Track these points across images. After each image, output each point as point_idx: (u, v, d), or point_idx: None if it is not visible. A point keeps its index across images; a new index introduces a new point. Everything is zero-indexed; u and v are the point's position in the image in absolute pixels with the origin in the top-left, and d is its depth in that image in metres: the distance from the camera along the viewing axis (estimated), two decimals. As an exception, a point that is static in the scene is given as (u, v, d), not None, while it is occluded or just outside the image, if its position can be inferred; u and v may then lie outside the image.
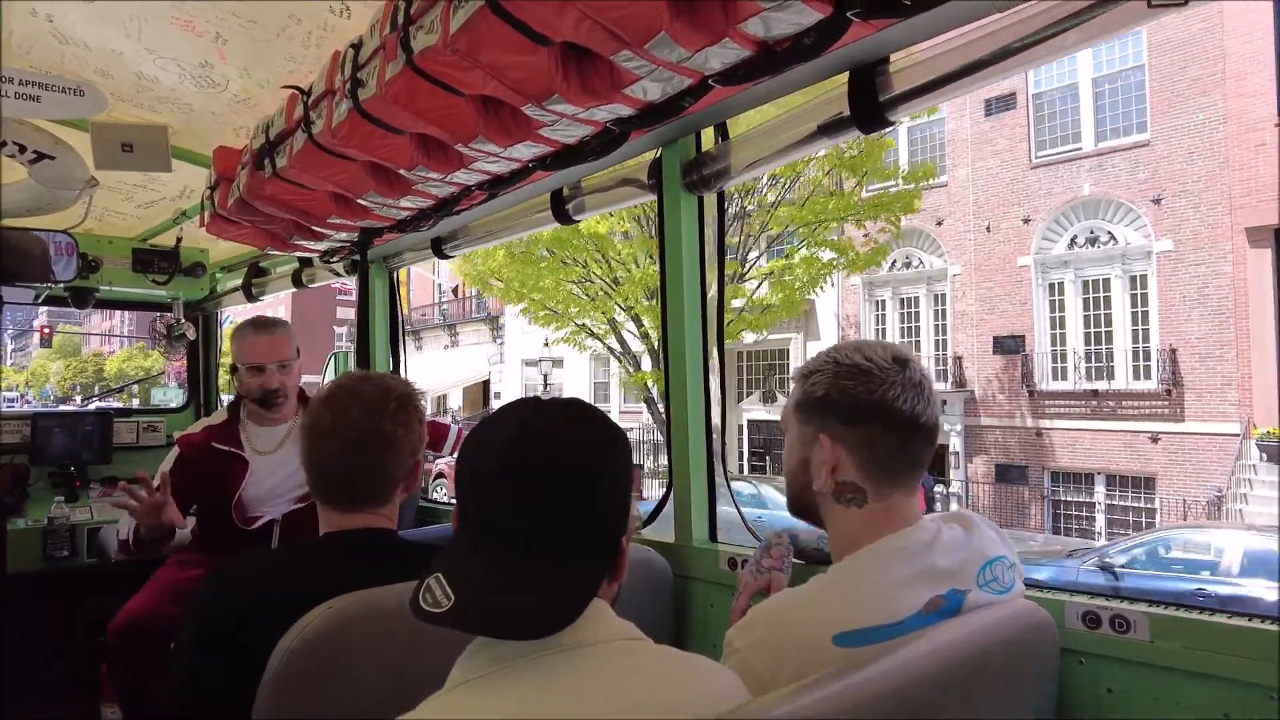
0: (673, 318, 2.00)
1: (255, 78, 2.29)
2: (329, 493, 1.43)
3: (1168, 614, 1.24)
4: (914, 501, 1.21)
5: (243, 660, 1.16)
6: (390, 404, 1.44)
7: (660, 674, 0.87)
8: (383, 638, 1.18)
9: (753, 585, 1.48)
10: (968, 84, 1.47)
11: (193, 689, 1.27)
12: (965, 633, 1.07)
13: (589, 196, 2.29)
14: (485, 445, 0.90)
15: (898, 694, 0.96)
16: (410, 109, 1.68)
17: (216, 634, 1.26)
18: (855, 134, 1.61)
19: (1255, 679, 1.15)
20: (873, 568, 1.14)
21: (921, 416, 1.17)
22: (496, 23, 1.33)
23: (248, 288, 4.21)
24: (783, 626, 1.11)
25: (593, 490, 0.87)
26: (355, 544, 1.39)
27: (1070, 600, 1.33)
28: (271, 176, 2.28)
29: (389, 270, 3.45)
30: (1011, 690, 1.17)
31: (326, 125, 1.91)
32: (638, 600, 1.73)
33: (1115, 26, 1.27)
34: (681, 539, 1.99)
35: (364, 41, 1.76)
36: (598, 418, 0.94)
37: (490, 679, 0.81)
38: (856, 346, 1.23)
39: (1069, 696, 1.30)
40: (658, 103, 1.56)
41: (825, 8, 1.23)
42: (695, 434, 1.98)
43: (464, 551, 0.86)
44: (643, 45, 1.32)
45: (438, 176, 2.04)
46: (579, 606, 0.82)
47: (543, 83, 1.50)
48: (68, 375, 49.77)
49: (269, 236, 2.97)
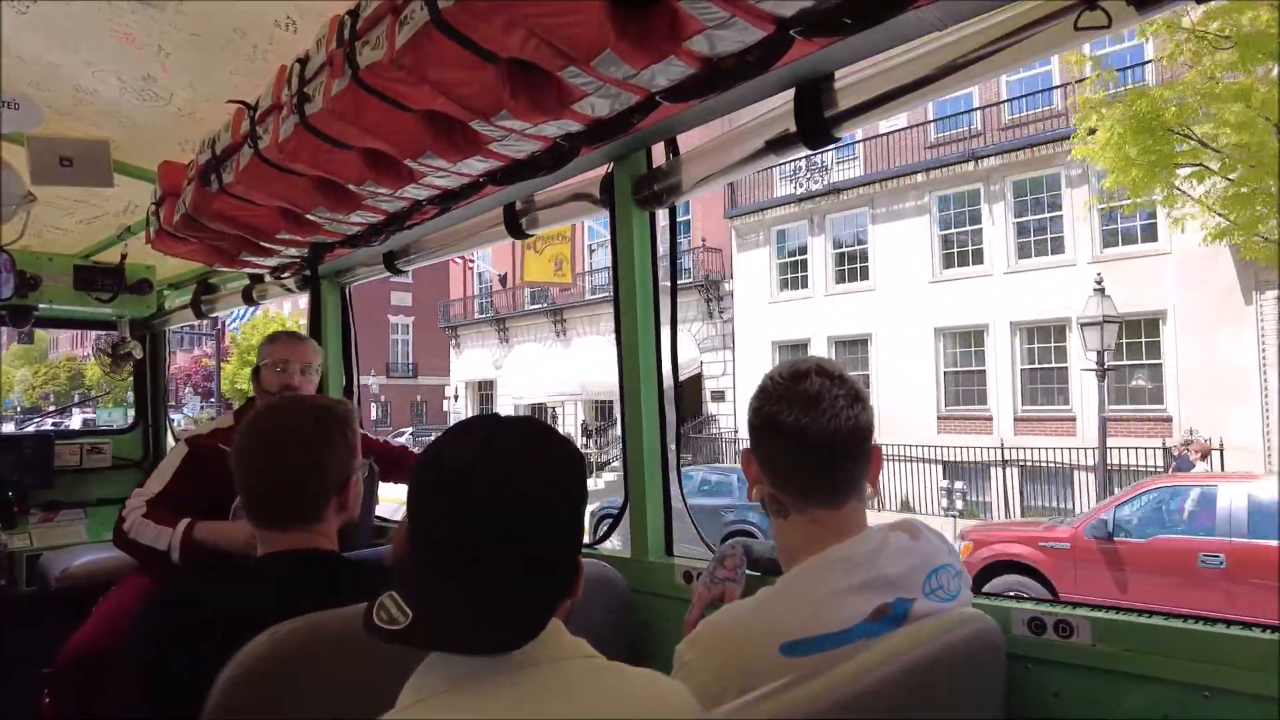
0: (626, 332, 2.00)
1: (200, 92, 2.25)
2: (260, 512, 1.41)
3: (1108, 617, 1.28)
4: (847, 511, 1.20)
5: (181, 691, 1.12)
6: (313, 421, 1.43)
7: (612, 691, 0.87)
8: (328, 663, 1.15)
9: (706, 596, 1.48)
10: (910, 100, 1.50)
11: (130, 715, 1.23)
12: (913, 642, 1.09)
13: (542, 211, 2.30)
14: (444, 465, 0.89)
15: (848, 704, 0.96)
16: (357, 124, 1.67)
17: (153, 664, 1.22)
18: (802, 150, 1.64)
19: (1192, 679, 1.18)
20: (818, 577, 1.15)
21: (809, 430, 1.16)
22: (442, 39, 1.33)
23: (197, 305, 4.12)
24: (730, 638, 1.11)
25: (553, 510, 0.87)
26: (294, 565, 1.36)
27: (1016, 607, 1.36)
28: (218, 192, 2.24)
29: (341, 286, 3.40)
30: (960, 697, 1.19)
31: (273, 140, 1.88)
32: (594, 616, 1.72)
33: (1045, 47, 1.31)
34: (638, 553, 1.99)
35: (310, 56, 1.74)
36: (557, 437, 0.94)
37: (443, 698, 0.80)
38: (776, 365, 1.27)
39: (1017, 701, 1.32)
40: (606, 119, 1.57)
41: (768, 26, 1.26)
42: (650, 449, 1.99)
43: (421, 570, 0.85)
44: (589, 62, 1.33)
45: (387, 192, 2.02)
46: (539, 624, 0.82)
47: (491, 99, 1.50)
48: (37, 383, 44.91)
49: (217, 253, 2.91)
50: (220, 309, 4.15)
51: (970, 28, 1.34)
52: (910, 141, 18.37)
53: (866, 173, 19.09)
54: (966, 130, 17.92)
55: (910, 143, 18.37)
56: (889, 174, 18.48)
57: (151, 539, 2.34)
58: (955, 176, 17.56)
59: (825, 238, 19.80)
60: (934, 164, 17.81)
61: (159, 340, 4.63)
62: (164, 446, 4.47)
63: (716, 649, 1.10)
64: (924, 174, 17.92)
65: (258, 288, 3.75)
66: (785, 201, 20.37)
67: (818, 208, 19.77)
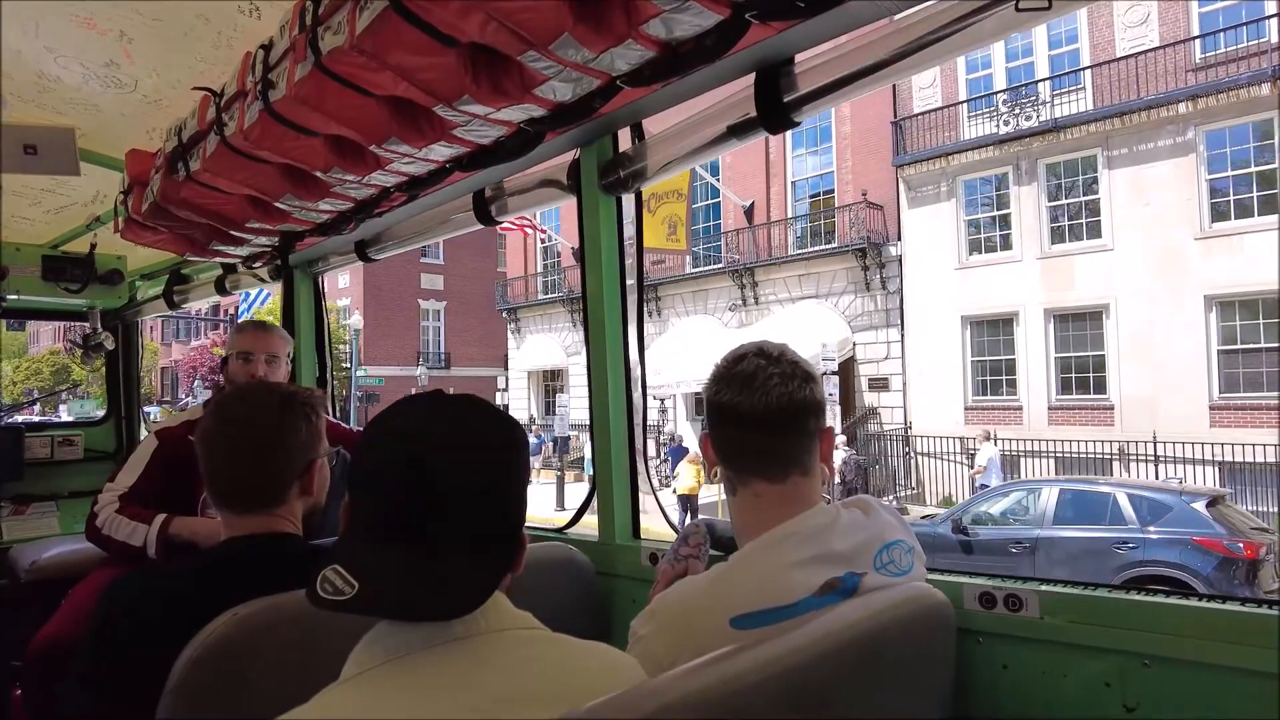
0: (593, 317, 2.01)
1: (165, 78, 2.24)
2: (222, 497, 1.42)
3: (1055, 590, 1.31)
4: (790, 485, 1.23)
5: (144, 673, 1.13)
6: (274, 404, 1.44)
7: (556, 661, 0.89)
8: (289, 644, 1.17)
9: (670, 574, 1.50)
10: (869, 83, 1.53)
11: (95, 705, 1.24)
12: (859, 614, 1.11)
13: (511, 198, 2.30)
14: (388, 440, 0.90)
15: (790, 672, 0.98)
16: (321, 110, 1.67)
17: (116, 647, 1.22)
18: (762, 134, 1.66)
19: (1132, 648, 1.22)
20: (768, 552, 1.17)
21: (742, 407, 1.21)
22: (401, 24, 1.34)
23: (169, 296, 4.08)
24: (682, 612, 1.14)
25: (495, 484, 0.89)
26: (256, 549, 1.37)
27: (968, 582, 1.39)
28: (186, 180, 2.23)
29: (314, 275, 3.39)
30: (908, 669, 1.21)
31: (239, 127, 1.87)
32: (560, 599, 1.74)
33: (997, 30, 1.33)
34: (605, 536, 2.01)
35: (274, 42, 1.74)
36: (498, 413, 0.95)
37: (385, 669, 0.82)
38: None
39: (968, 675, 1.36)
40: (569, 103, 1.58)
41: (723, 10, 1.27)
42: (618, 433, 2.01)
43: (366, 543, 0.86)
44: (548, 46, 1.34)
45: (354, 178, 2.02)
46: (483, 592, 0.84)
47: (453, 84, 1.50)
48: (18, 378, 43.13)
49: (187, 242, 2.89)
50: (193, 300, 4.11)
51: (923, 12, 1.37)
52: (1164, 63, 14.55)
53: (1099, 105, 15.28)
54: (1255, 44, 13.70)
55: (1164, 65, 14.54)
56: (1134, 105, 14.73)
57: (126, 535, 2.33)
58: (1236, 105, 13.67)
59: (1037, 187, 16.09)
60: (1205, 89, 13.98)
61: (131, 331, 4.59)
62: (137, 438, 4.44)
63: (669, 623, 1.13)
64: (1187, 103, 14.15)
65: (230, 278, 3.72)
66: (980, 144, 16.58)
67: (1027, 150, 16.12)
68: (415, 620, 0.84)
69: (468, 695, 0.81)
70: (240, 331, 2.70)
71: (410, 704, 0.79)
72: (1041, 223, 16.05)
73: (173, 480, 2.50)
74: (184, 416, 2.74)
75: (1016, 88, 16.57)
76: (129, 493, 2.41)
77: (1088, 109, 15.41)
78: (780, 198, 20.47)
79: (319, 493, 1.50)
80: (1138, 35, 15.01)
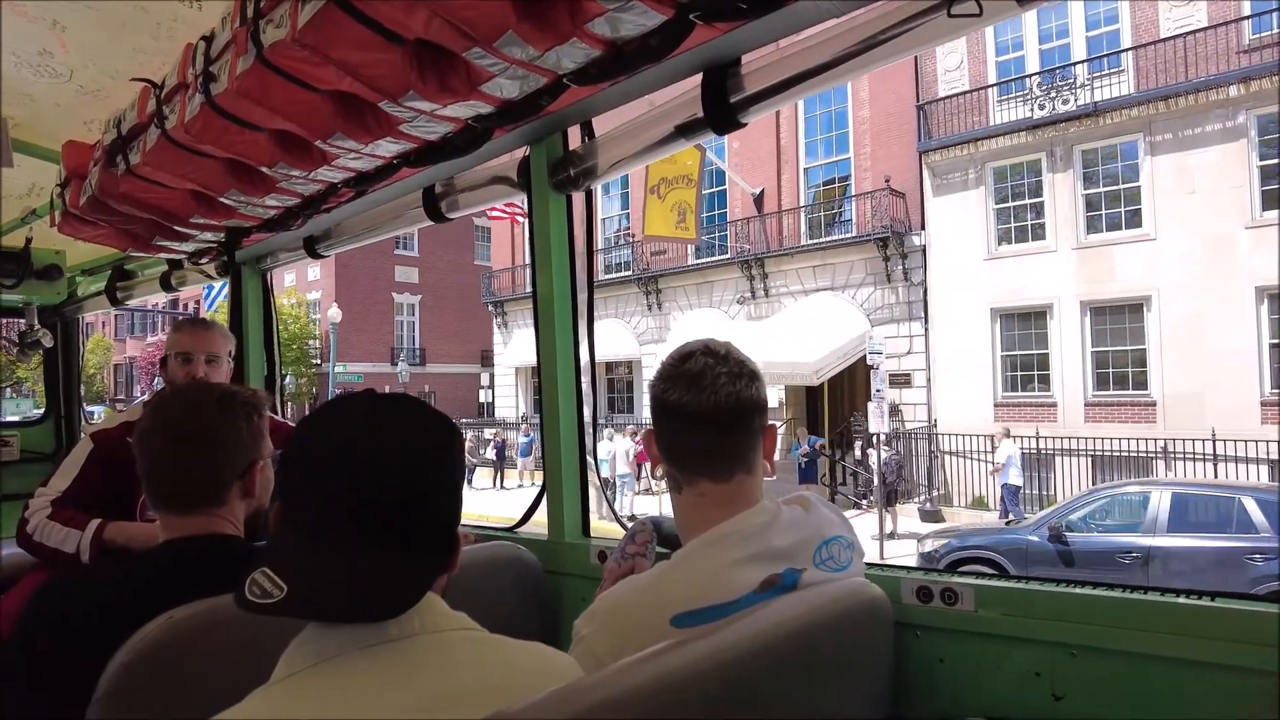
0: (543, 315, 2.01)
1: (102, 68, 2.18)
2: (161, 498, 1.38)
3: (989, 584, 1.34)
4: (735, 484, 1.24)
5: (72, 681, 1.10)
6: (213, 403, 1.41)
7: (491, 662, 0.88)
8: (228, 648, 1.14)
9: (616, 572, 1.51)
10: (816, 85, 1.54)
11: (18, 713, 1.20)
12: (795, 610, 1.12)
13: (462, 194, 2.29)
14: (321, 439, 0.89)
15: (725, 669, 0.99)
16: (264, 104, 1.64)
17: (42, 654, 1.19)
18: (710, 135, 1.67)
19: (1060, 638, 1.26)
20: (709, 550, 1.18)
21: (690, 406, 1.20)
22: (344, 19, 1.32)
23: (111, 292, 3.97)
24: (623, 611, 1.15)
25: (426, 484, 0.88)
26: (195, 551, 1.34)
27: (906, 577, 1.42)
28: (125, 173, 2.17)
29: (262, 272, 3.33)
30: (845, 663, 1.23)
31: (180, 120, 1.83)
32: (508, 599, 1.74)
33: (938, 34, 1.36)
34: (554, 535, 2.01)
35: (215, 34, 1.70)
36: (431, 413, 0.94)
37: (315, 671, 0.81)
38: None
39: (906, 668, 1.38)
40: (516, 100, 1.57)
41: (668, 10, 1.28)
42: (568, 432, 2.01)
43: (296, 544, 0.85)
44: (492, 43, 1.34)
45: (301, 174, 1.99)
46: (414, 593, 0.83)
47: (398, 80, 1.49)
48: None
49: (129, 237, 2.82)
50: (138, 296, 4.00)
51: (870, 14, 1.39)
52: (1212, 44, 13.72)
53: (1141, 89, 14.45)
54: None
55: (1213, 46, 13.72)
56: (1180, 88, 13.97)
57: (59, 541, 2.25)
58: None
59: (1073, 174, 15.22)
60: (1258, 70, 13.10)
61: (71, 328, 4.46)
62: (78, 439, 4.31)
63: (610, 623, 1.13)
64: (1239, 85, 13.38)
65: (176, 274, 3.64)
66: (1012, 129, 15.72)
67: (1062, 135, 15.28)
68: (346, 622, 0.82)
69: (400, 697, 0.80)
70: (178, 330, 2.59)
71: (340, 706, 0.78)
72: (1077, 211, 15.27)
73: (109, 484, 2.42)
74: (122, 418, 2.66)
75: (1051, 70, 15.66)
76: (62, 497, 2.32)
77: (1129, 92, 14.67)
78: (792, 185, 19.47)
79: (261, 494, 1.47)
80: (1184, 15, 14.25)
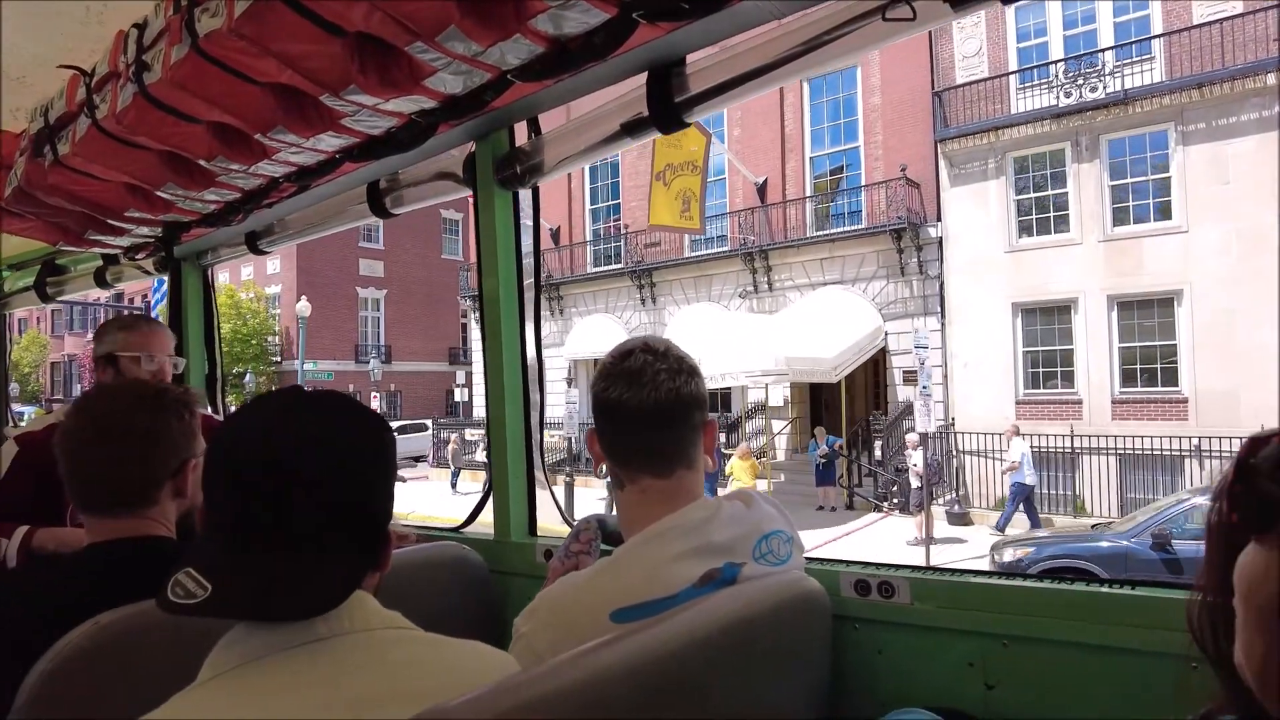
0: (489, 313, 2.00)
1: (28, 54, 2.09)
2: (87, 498, 1.33)
3: (924, 577, 1.37)
4: (675, 480, 1.24)
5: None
6: (142, 399, 1.37)
7: (424, 660, 0.87)
8: (156, 653, 1.10)
9: (560, 570, 1.50)
10: (758, 85, 1.56)
11: None
12: (731, 604, 1.13)
13: (407, 190, 2.26)
14: (239, 436, 0.87)
15: (660, 664, 1.00)
16: (201, 96, 1.60)
17: None
18: (654, 133, 1.68)
19: (993, 629, 1.29)
20: (649, 546, 1.19)
21: (630, 403, 1.21)
22: (283, 10, 1.30)
23: (41, 288, 3.82)
24: (563, 608, 1.15)
25: (351, 481, 0.87)
26: (123, 553, 1.30)
27: (844, 571, 1.44)
28: (54, 164, 2.11)
29: (203, 268, 3.24)
30: (782, 656, 1.24)
31: (111, 110, 1.78)
32: (453, 599, 1.73)
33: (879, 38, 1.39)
34: (500, 534, 2.00)
35: (149, 21, 1.66)
36: (359, 408, 0.93)
37: (240, 672, 0.79)
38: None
39: (845, 661, 1.40)
40: (460, 96, 1.56)
41: (611, 8, 1.28)
42: (514, 431, 2.00)
43: (219, 544, 0.83)
44: (434, 38, 1.33)
45: (240, 167, 1.95)
46: (344, 591, 0.82)
47: (339, 73, 1.47)
48: None
49: (59, 231, 2.73)
50: (70, 291, 3.87)
51: (804, 19, 1.41)
52: (1249, 31, 13.06)
53: (1172, 76, 13.79)
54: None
55: (1249, 33, 13.06)
56: (1214, 75, 13.31)
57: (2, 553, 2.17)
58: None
59: (1100, 164, 14.55)
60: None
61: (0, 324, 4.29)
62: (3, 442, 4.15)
63: (550, 620, 1.13)
64: (1278, 73, 12.80)
65: (111, 269, 3.52)
66: (1035, 117, 14.99)
67: (1088, 124, 14.58)
68: (270, 621, 0.81)
69: (327, 696, 0.79)
70: (130, 330, 2.40)
71: (266, 706, 0.77)
72: (1104, 203, 14.55)
73: (38, 489, 2.33)
74: (49, 420, 2.55)
75: (1077, 57, 14.98)
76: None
77: (1159, 80, 14.00)
78: (797, 174, 18.56)
79: (194, 494, 1.42)
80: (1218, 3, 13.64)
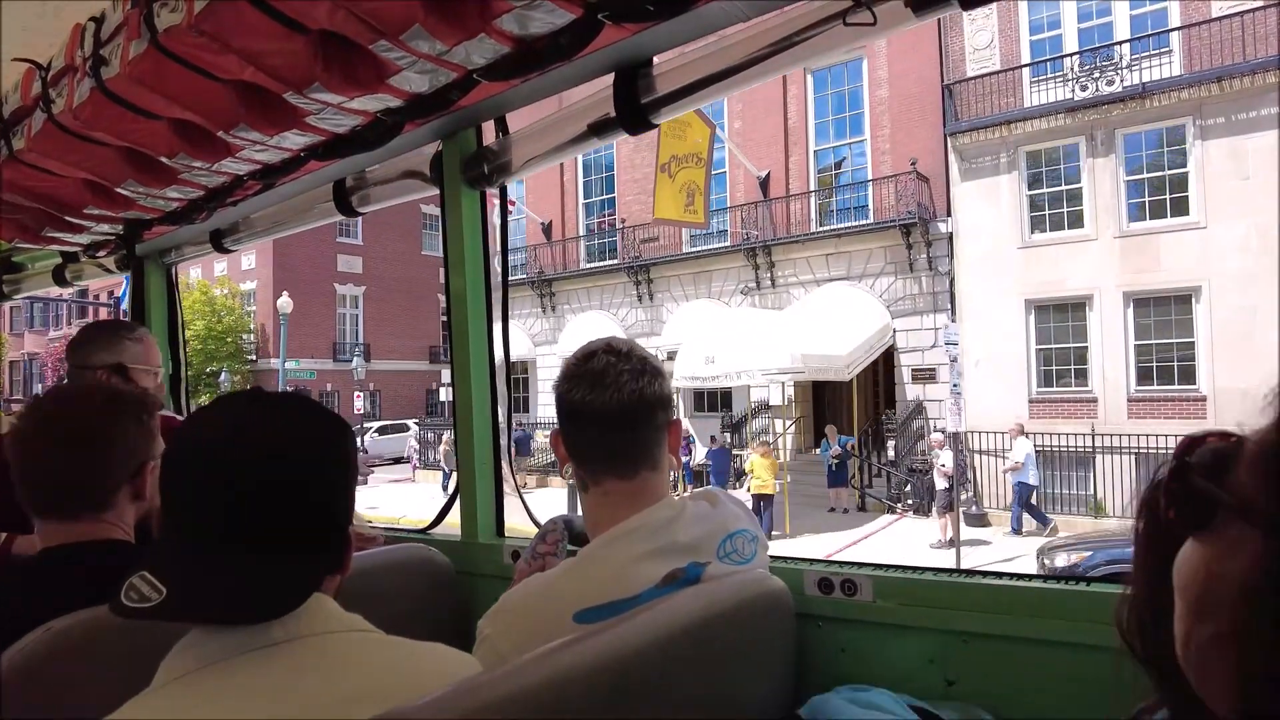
0: (456, 312, 1.99)
1: None
2: (42, 501, 1.30)
3: (886, 575, 1.38)
4: (640, 482, 1.24)
5: None
6: (100, 402, 1.35)
7: (385, 663, 0.86)
8: (111, 659, 1.07)
9: (526, 572, 1.50)
10: (725, 87, 1.57)
11: None
12: (695, 602, 1.13)
13: (373, 188, 2.24)
14: (199, 437, 0.86)
15: (622, 663, 0.99)
16: (160, 91, 1.58)
17: None
18: (621, 134, 1.68)
19: (952, 626, 1.31)
20: (612, 547, 1.19)
21: (594, 404, 1.21)
22: (245, 5, 1.28)
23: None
24: (526, 610, 1.14)
25: (311, 481, 0.86)
26: (78, 557, 1.27)
27: (808, 569, 1.45)
28: (9, 159, 2.06)
29: (166, 266, 3.19)
30: (745, 654, 1.24)
31: (68, 105, 1.74)
32: (419, 601, 1.71)
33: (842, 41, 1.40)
34: (467, 535, 1.99)
35: (106, 15, 1.63)
36: (318, 410, 0.93)
37: (196, 676, 0.78)
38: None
39: (808, 659, 1.40)
40: (426, 94, 1.55)
41: (576, 9, 1.28)
42: (481, 432, 1.99)
43: (174, 547, 0.82)
44: (399, 36, 1.32)
45: (203, 165, 1.92)
46: (300, 594, 0.81)
47: (303, 71, 1.46)
48: None
49: (15, 227, 2.68)
50: (26, 289, 3.79)
51: (768, 22, 1.42)
52: (1270, 24, 12.86)
53: (1191, 70, 13.48)
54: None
55: (1270, 25, 12.84)
56: (1235, 69, 12.99)
57: None
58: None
59: (1115, 159, 14.23)
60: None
61: None
62: None
63: (513, 621, 1.13)
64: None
65: (71, 267, 3.45)
66: (1049, 111, 14.64)
67: (1104, 118, 14.24)
68: (226, 624, 0.80)
69: (285, 701, 0.78)
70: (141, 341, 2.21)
71: (221, 711, 0.76)
72: (1119, 198, 14.24)
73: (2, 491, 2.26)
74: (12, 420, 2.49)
75: (1092, 50, 14.71)
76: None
77: (1177, 74, 13.71)
78: (801, 168, 18.26)
79: (153, 496, 1.40)
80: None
